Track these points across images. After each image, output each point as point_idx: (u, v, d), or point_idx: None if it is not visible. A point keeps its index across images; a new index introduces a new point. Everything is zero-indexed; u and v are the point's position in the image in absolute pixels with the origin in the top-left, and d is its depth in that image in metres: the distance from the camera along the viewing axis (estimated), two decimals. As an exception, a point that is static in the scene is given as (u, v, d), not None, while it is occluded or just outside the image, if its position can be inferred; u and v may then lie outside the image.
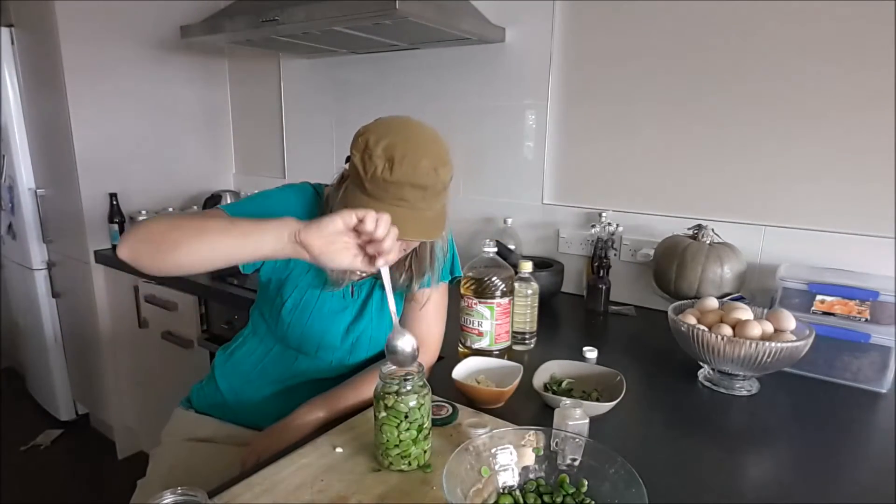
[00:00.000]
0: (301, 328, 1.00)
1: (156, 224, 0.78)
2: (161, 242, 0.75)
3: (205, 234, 0.74)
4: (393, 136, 0.84)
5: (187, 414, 1.11)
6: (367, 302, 1.04)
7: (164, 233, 0.76)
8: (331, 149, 2.25)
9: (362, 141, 0.85)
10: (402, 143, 0.83)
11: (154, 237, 0.76)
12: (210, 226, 0.75)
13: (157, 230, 0.77)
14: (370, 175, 0.83)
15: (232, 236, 0.74)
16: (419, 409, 0.76)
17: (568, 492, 0.69)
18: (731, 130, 1.42)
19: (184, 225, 0.76)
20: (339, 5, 1.45)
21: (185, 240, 0.74)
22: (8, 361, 3.02)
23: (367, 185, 0.84)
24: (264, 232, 0.73)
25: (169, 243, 0.74)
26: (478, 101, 1.82)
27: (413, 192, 0.84)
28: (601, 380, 1.01)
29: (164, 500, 0.57)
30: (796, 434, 0.93)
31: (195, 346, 1.85)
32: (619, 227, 1.56)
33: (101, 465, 2.27)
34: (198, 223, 0.76)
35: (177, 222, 0.77)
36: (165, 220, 0.79)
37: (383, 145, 0.82)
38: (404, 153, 0.82)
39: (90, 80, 2.07)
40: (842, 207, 1.31)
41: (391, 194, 0.83)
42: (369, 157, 0.83)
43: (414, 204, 0.85)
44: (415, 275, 1.01)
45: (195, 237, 0.74)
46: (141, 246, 0.76)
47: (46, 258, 2.34)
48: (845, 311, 1.12)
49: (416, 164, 0.82)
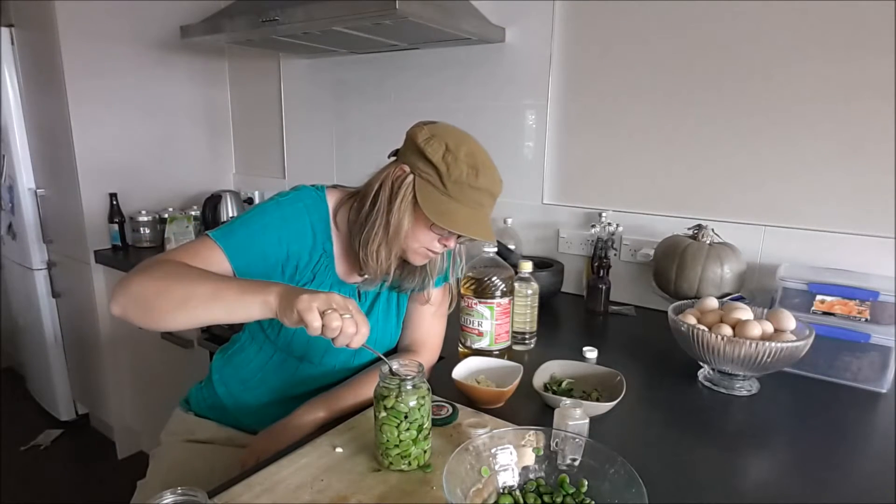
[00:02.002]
0: (306, 338, 0.97)
1: (143, 284, 0.77)
2: (149, 308, 0.76)
3: (189, 304, 0.75)
4: (468, 144, 0.90)
5: (186, 416, 1.09)
6: (374, 305, 1.04)
7: (150, 299, 0.76)
8: (331, 148, 2.25)
9: (439, 144, 0.88)
10: (478, 153, 0.91)
11: (141, 301, 0.77)
12: (197, 293, 0.75)
13: (144, 293, 0.77)
14: (454, 178, 0.88)
15: (219, 306, 0.75)
16: (419, 409, 0.76)
17: (568, 492, 0.69)
18: (731, 130, 1.42)
19: (169, 291, 0.76)
20: (339, 5, 1.45)
21: (171, 308, 0.75)
22: (8, 361, 3.02)
23: (449, 186, 0.88)
24: (250, 305, 0.75)
25: (157, 310, 0.76)
26: (478, 100, 1.82)
27: (489, 200, 0.93)
28: (601, 380, 1.01)
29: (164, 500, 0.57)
30: (796, 434, 0.93)
31: (195, 346, 1.85)
32: (619, 227, 1.56)
33: (101, 465, 2.27)
34: (182, 290, 0.76)
35: (163, 285, 0.77)
36: (152, 279, 0.78)
37: (465, 151, 0.88)
38: (484, 162, 0.90)
39: (90, 80, 2.07)
40: (842, 207, 1.31)
41: (471, 199, 0.90)
42: (454, 160, 0.88)
43: (487, 211, 0.94)
44: (429, 276, 1.03)
45: (180, 307, 0.75)
46: (130, 308, 0.77)
47: (46, 258, 2.34)
48: (845, 311, 1.12)
49: (494, 175, 0.92)
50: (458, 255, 1.07)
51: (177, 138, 2.41)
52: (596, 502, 0.68)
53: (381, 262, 0.94)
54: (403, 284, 1.03)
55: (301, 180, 2.42)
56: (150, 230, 2.21)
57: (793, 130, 1.34)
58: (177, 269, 0.80)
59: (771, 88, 1.35)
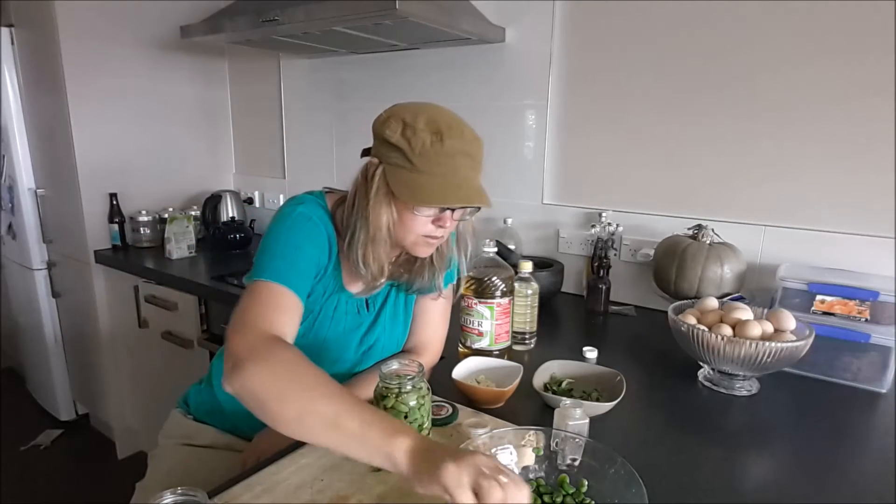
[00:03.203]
0: (315, 349, 0.96)
1: (264, 383, 0.70)
2: (266, 412, 0.69)
3: (306, 421, 0.68)
4: (428, 111, 0.84)
5: (185, 420, 1.08)
6: (382, 310, 1.02)
7: (271, 402, 0.69)
8: (331, 148, 2.25)
9: (396, 122, 0.84)
10: (440, 116, 0.84)
11: (260, 403, 0.70)
12: (318, 412, 0.67)
13: (265, 395, 0.69)
14: (419, 150, 0.82)
15: (337, 438, 0.66)
16: (419, 409, 0.76)
17: (568, 492, 0.69)
18: (731, 130, 1.42)
19: (290, 399, 0.69)
20: (339, 5, 1.45)
21: (289, 422, 0.68)
22: (8, 361, 3.02)
23: (416, 161, 0.83)
24: (372, 453, 0.65)
25: (274, 418, 0.69)
26: (478, 100, 1.82)
27: (464, 161, 0.84)
28: (601, 380, 1.01)
29: (164, 501, 0.57)
30: (796, 434, 0.93)
31: (195, 346, 1.85)
32: (619, 227, 1.56)
33: (101, 465, 2.27)
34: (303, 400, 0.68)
35: (283, 387, 0.69)
36: (273, 376, 0.70)
37: (424, 120, 0.83)
38: (449, 125, 0.83)
39: (90, 79, 2.07)
40: (842, 207, 1.31)
41: (444, 165, 0.83)
42: (413, 132, 0.82)
43: (466, 173, 0.85)
44: (438, 270, 0.99)
45: (297, 422, 0.68)
46: (246, 401, 0.71)
47: (46, 258, 2.34)
48: (845, 311, 1.12)
49: (462, 133, 0.84)
50: (466, 236, 1.01)
51: (177, 138, 2.41)
52: (596, 502, 0.68)
53: (371, 265, 0.89)
54: (414, 285, 1.00)
55: (301, 180, 2.43)
56: (150, 230, 2.21)
57: (793, 130, 1.34)
58: (294, 365, 0.73)
59: (771, 88, 1.35)
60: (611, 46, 1.56)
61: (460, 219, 0.93)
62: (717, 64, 1.41)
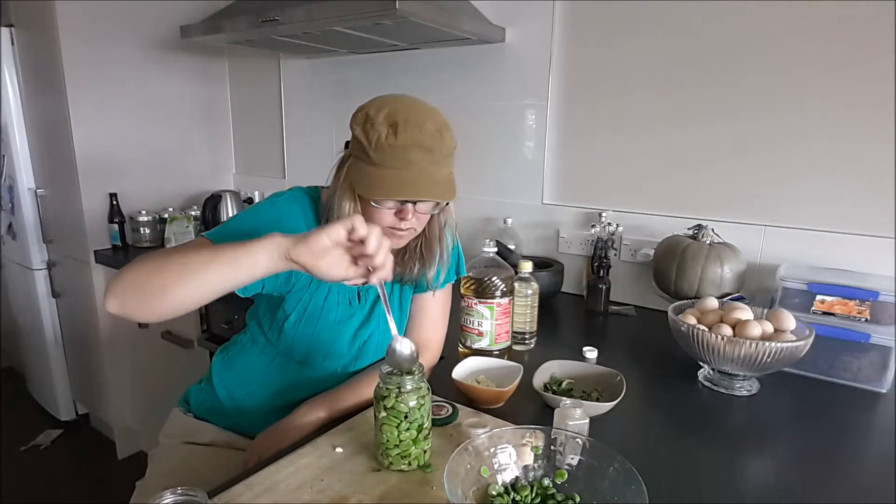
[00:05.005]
0: (307, 341, 0.97)
1: (136, 270, 0.74)
2: (146, 290, 0.72)
3: (189, 270, 0.71)
4: (393, 104, 0.84)
5: (186, 418, 1.09)
6: (375, 306, 1.02)
7: (147, 279, 0.72)
8: (331, 148, 2.25)
9: (362, 115, 0.85)
10: (402, 109, 0.84)
11: (138, 285, 0.73)
12: (194, 260, 0.71)
13: (140, 277, 0.73)
14: (374, 144, 0.82)
15: (219, 265, 0.71)
16: (419, 409, 0.76)
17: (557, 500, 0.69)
18: (731, 130, 1.42)
19: (166, 266, 0.72)
20: (339, 5, 1.45)
21: (171, 282, 0.71)
22: (8, 361, 3.02)
23: (372, 154, 0.83)
24: (254, 253, 0.70)
25: (154, 289, 0.72)
26: (478, 101, 1.82)
27: (421, 155, 0.83)
28: (601, 380, 1.01)
29: (164, 500, 0.57)
30: (796, 434, 0.93)
31: (195, 346, 1.85)
32: (619, 227, 1.56)
33: (101, 465, 2.27)
34: (179, 260, 0.72)
35: (158, 263, 0.73)
36: (145, 263, 0.74)
37: (385, 113, 0.83)
38: (406, 117, 0.83)
39: (90, 79, 2.07)
40: (842, 207, 1.31)
41: (399, 159, 0.82)
42: (371, 125, 0.83)
43: (423, 167, 0.84)
44: (427, 263, 0.99)
45: (180, 277, 0.71)
46: (127, 297, 0.73)
47: (46, 258, 2.34)
48: (845, 311, 1.12)
49: (421, 126, 0.83)
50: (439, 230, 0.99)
51: (177, 138, 2.41)
52: (596, 502, 0.68)
53: None
54: (405, 275, 1.00)
55: (301, 180, 2.42)
56: (150, 230, 2.21)
57: (793, 130, 1.34)
58: (168, 252, 0.76)
59: (771, 88, 1.35)
60: (611, 46, 1.56)
61: (429, 212, 0.92)
62: (717, 64, 1.41)
